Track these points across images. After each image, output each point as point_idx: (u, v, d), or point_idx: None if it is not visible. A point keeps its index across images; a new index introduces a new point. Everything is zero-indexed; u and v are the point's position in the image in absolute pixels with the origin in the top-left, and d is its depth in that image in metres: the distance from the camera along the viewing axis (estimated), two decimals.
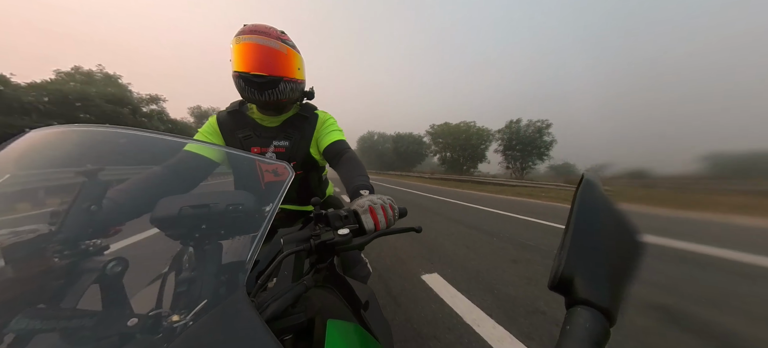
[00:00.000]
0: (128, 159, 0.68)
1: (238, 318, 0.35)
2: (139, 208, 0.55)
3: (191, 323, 0.36)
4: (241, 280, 0.42)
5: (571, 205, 0.30)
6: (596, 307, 0.23)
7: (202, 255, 0.46)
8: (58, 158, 0.49)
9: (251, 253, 0.45)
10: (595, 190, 0.31)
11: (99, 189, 0.45)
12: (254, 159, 0.82)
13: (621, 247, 0.27)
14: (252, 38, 0.87)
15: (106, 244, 0.41)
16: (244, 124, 1.01)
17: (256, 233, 0.47)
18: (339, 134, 1.05)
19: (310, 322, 0.48)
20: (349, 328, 0.49)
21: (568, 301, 0.25)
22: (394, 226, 0.60)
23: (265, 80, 0.89)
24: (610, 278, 0.25)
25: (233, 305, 0.37)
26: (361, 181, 0.79)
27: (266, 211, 0.50)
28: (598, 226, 0.28)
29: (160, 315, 0.37)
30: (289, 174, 0.55)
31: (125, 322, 0.36)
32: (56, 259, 0.37)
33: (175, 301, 0.41)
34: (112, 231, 0.46)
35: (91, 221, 0.43)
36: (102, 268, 0.38)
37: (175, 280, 0.42)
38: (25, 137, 0.47)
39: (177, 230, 0.46)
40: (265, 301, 0.44)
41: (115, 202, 0.53)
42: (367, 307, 0.64)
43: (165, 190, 0.70)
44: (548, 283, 0.27)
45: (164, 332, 0.36)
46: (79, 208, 0.42)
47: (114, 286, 0.38)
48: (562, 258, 0.26)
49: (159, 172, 0.71)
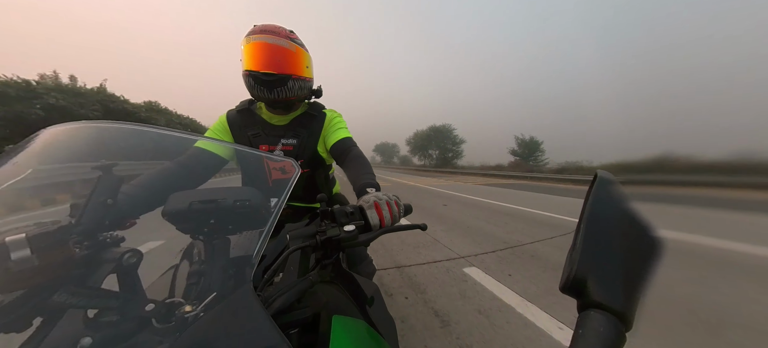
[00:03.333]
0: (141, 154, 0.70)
1: (245, 311, 0.37)
2: (152, 202, 0.57)
3: (202, 314, 0.38)
4: (248, 274, 0.43)
5: (584, 204, 0.29)
6: (611, 310, 0.22)
7: (211, 249, 0.48)
8: (75, 154, 0.51)
9: (258, 248, 0.46)
10: (609, 188, 0.30)
11: (114, 183, 0.47)
12: (262, 156, 0.84)
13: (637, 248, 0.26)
14: (262, 37, 0.89)
15: (122, 236, 0.43)
16: (253, 122, 1.03)
17: (262, 228, 0.48)
18: (346, 132, 1.06)
19: (315, 316, 0.49)
20: (354, 324, 0.50)
21: (580, 304, 0.24)
22: (399, 223, 0.61)
23: (274, 78, 0.90)
24: (625, 280, 0.24)
25: (240, 299, 0.38)
26: (368, 178, 0.80)
27: (273, 207, 0.51)
28: (612, 226, 0.27)
29: (173, 304, 0.39)
30: (295, 171, 0.56)
31: (143, 307, 0.37)
32: (77, 249, 0.38)
33: (187, 292, 0.43)
34: (128, 224, 0.48)
35: (108, 214, 0.45)
36: (119, 258, 0.40)
37: (187, 273, 0.44)
38: (43, 134, 0.49)
39: (187, 224, 0.48)
40: (271, 296, 0.46)
41: (129, 196, 0.55)
42: (372, 302, 0.65)
43: (176, 185, 0.72)
44: (560, 285, 0.26)
45: (177, 321, 0.37)
46: (96, 201, 0.44)
47: (130, 275, 0.40)
48: (575, 259, 0.25)
49: (171, 167, 0.73)
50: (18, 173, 0.45)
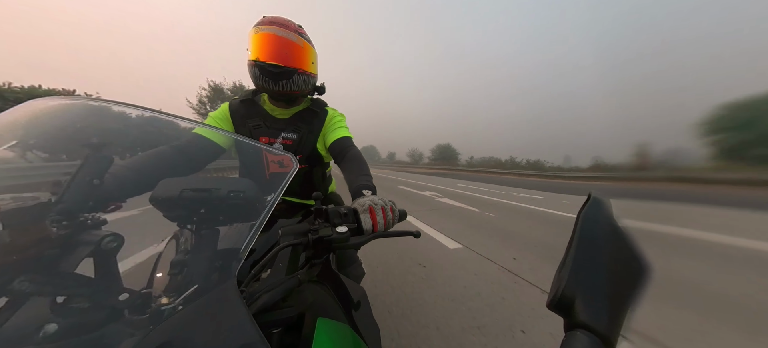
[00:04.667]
0: (136, 136, 0.68)
1: (226, 307, 0.35)
2: (141, 186, 0.55)
3: (180, 307, 0.36)
4: (234, 268, 0.42)
5: (575, 223, 0.29)
6: (596, 332, 0.22)
7: (198, 239, 0.46)
8: (65, 129, 0.49)
9: (247, 241, 0.44)
10: (601, 209, 0.30)
11: (103, 163, 0.45)
12: (261, 148, 0.82)
13: (625, 272, 0.26)
14: (271, 29, 0.88)
15: (104, 219, 0.41)
16: (255, 113, 1.02)
17: (254, 222, 0.46)
18: (346, 132, 1.05)
19: (300, 317, 0.48)
20: (338, 328, 0.49)
21: (567, 323, 0.24)
22: (392, 229, 0.60)
23: (280, 70, 0.89)
24: (611, 303, 0.24)
25: (223, 294, 0.36)
26: (364, 180, 0.78)
27: (267, 201, 0.49)
28: (602, 248, 0.27)
29: (149, 295, 0.37)
30: (293, 166, 0.55)
31: (116, 296, 0.35)
32: (54, 228, 0.37)
33: (166, 283, 0.41)
34: (112, 206, 0.46)
35: (92, 194, 0.43)
36: (98, 241, 0.38)
37: (169, 263, 0.42)
38: (30, 106, 0.47)
39: (176, 212, 0.46)
40: (256, 292, 0.44)
41: (117, 177, 0.53)
42: (358, 307, 0.64)
43: (169, 170, 0.70)
44: (547, 302, 0.26)
45: (152, 313, 0.35)
46: (81, 180, 0.42)
47: (107, 261, 0.38)
48: (563, 277, 0.25)
49: (165, 151, 0.72)
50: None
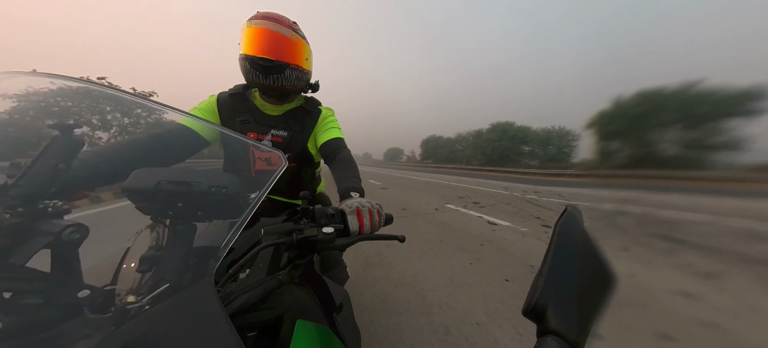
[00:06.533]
0: (113, 121, 0.64)
1: (199, 308, 0.32)
2: (114, 175, 0.51)
3: (147, 307, 0.33)
4: (210, 267, 0.39)
5: (552, 234, 0.31)
6: (566, 339, 0.24)
7: (173, 235, 0.43)
8: (30, 106, 0.45)
9: (227, 239, 0.42)
10: (575, 223, 0.32)
11: (72, 146, 0.41)
12: (248, 143, 0.79)
13: (595, 282, 0.29)
14: (264, 23, 0.86)
15: (67, 208, 0.38)
16: (244, 108, 0.98)
17: (236, 219, 0.44)
18: (337, 132, 1.03)
19: (278, 319, 0.46)
20: (318, 331, 0.47)
21: (539, 329, 0.26)
22: (378, 232, 0.58)
23: (272, 64, 0.87)
24: (581, 311, 0.26)
25: (197, 293, 0.34)
26: (353, 182, 0.77)
27: (251, 199, 0.47)
28: (575, 259, 0.29)
29: (113, 292, 0.34)
30: (281, 164, 0.53)
31: (75, 292, 0.32)
32: (7, 215, 0.33)
33: (134, 280, 0.38)
34: (79, 194, 0.42)
35: (56, 180, 0.39)
36: (58, 232, 0.34)
37: (139, 258, 0.39)
38: None
39: (150, 204, 0.43)
40: (233, 293, 0.41)
41: (87, 163, 0.48)
42: (340, 310, 0.62)
43: (146, 159, 0.66)
44: (522, 309, 0.27)
45: (116, 312, 0.32)
46: (45, 163, 0.38)
47: (68, 254, 0.35)
48: (538, 286, 0.27)
49: (142, 139, 0.67)
50: None
